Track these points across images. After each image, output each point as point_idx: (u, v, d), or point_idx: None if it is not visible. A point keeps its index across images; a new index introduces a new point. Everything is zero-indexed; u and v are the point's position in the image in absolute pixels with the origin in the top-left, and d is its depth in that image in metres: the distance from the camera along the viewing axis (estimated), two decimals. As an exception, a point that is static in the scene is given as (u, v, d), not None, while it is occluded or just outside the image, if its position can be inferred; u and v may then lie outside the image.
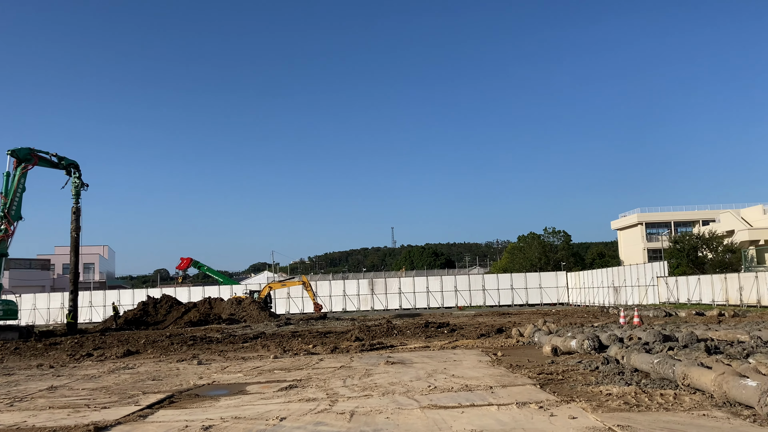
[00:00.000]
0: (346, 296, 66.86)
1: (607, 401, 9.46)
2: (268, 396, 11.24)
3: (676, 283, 44.38)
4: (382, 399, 10.37)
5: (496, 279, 67.83)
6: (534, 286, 66.26)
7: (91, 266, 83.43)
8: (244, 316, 45.04)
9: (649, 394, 9.88)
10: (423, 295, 66.54)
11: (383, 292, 66.90)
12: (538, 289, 66.12)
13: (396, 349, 19.30)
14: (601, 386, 10.63)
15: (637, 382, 10.83)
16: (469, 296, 66.42)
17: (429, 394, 10.64)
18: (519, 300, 65.56)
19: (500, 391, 10.73)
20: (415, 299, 66.40)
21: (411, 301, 66.27)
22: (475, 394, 10.51)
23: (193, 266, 69.28)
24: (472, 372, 13.36)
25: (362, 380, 12.70)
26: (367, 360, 16.39)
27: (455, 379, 12.46)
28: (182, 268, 68.99)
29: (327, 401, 10.37)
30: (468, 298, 66.26)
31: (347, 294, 66.91)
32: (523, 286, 66.24)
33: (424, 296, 66.45)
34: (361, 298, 66.78)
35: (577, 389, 10.61)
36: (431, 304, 65.93)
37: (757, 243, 58.43)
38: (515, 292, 66.06)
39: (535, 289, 66.16)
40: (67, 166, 38.06)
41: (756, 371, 9.55)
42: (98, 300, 63.68)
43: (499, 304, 64.69)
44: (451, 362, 15.29)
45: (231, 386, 12.82)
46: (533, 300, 65.33)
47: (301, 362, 16.52)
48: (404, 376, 13.06)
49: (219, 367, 16.21)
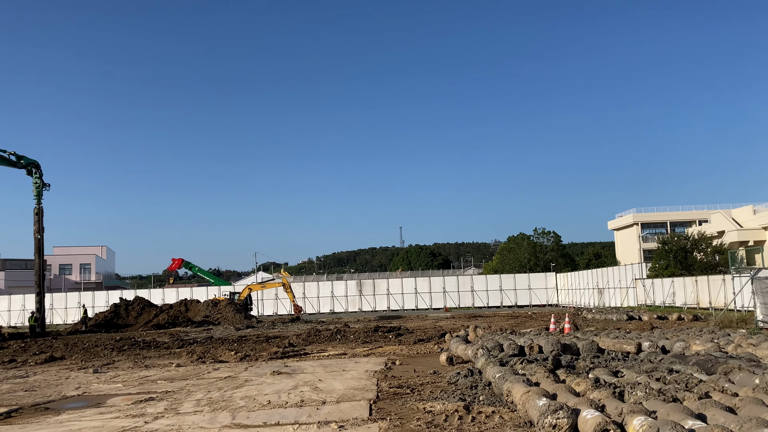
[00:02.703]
0: (335, 297, 66.74)
1: (413, 420, 9.24)
2: (115, 410, 11.18)
3: (652, 285, 43.73)
4: (202, 416, 10.25)
5: (485, 280, 67.35)
6: (523, 287, 65.67)
7: (88, 266, 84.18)
8: (219, 318, 45.10)
9: (469, 412, 9.64)
10: (411, 296, 66.17)
11: (371, 293, 66.68)
12: (527, 290, 65.53)
13: (308, 357, 19.18)
14: (429, 402, 10.40)
15: (473, 398, 10.59)
16: (458, 297, 65.96)
17: (256, 411, 10.50)
18: (508, 301, 65.02)
19: (328, 407, 10.56)
20: (403, 300, 66.09)
21: (399, 303, 65.98)
22: (302, 410, 10.35)
23: (184, 267, 69.57)
24: (342, 384, 13.19)
25: (223, 393, 12.57)
26: (261, 369, 16.27)
27: (315, 393, 12.29)
28: (173, 269, 69.36)
29: (150, 417, 10.27)
30: (457, 299, 65.82)
31: (335, 295, 66.80)
32: (512, 287, 65.65)
33: (412, 297, 66.10)
34: (349, 300, 66.61)
35: (407, 405, 10.41)
36: (420, 305, 65.59)
37: (747, 244, 57.36)
38: (504, 293, 65.50)
39: (524, 290, 65.56)
40: (27, 166, 37.99)
41: (569, 391, 9.27)
42: (87, 301, 64.06)
43: (488, 306, 64.24)
44: (338, 372, 15.13)
45: (96, 398, 12.77)
46: (522, 301, 64.74)
47: (195, 371, 16.45)
48: (269, 389, 12.92)
49: (112, 375, 16.21)
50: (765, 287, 21.52)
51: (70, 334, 36.81)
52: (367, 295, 66.59)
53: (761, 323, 21.78)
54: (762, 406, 7.69)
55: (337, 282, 70.10)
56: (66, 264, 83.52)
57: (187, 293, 65.03)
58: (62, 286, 78.51)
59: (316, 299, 66.32)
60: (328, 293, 66.74)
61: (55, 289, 75.26)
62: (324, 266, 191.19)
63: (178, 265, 68.11)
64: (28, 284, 74.60)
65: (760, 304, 21.94)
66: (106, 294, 65.08)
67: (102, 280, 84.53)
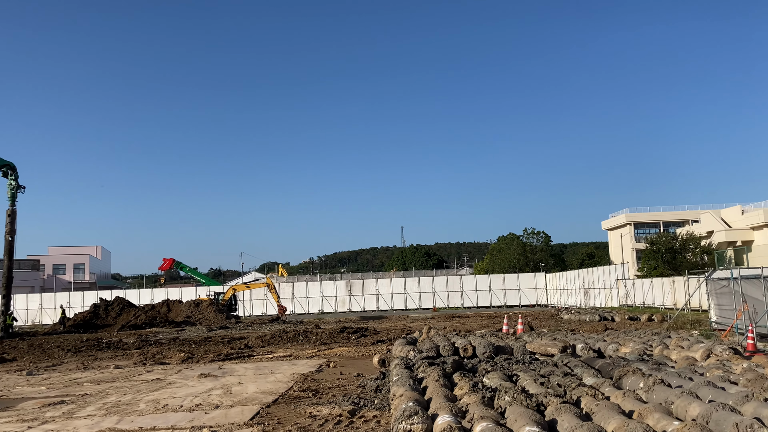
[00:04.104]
0: (324, 298, 66.70)
1: (288, 425, 9.18)
2: (16, 415, 11.19)
3: (633, 286, 43.50)
4: (90, 420, 10.24)
5: (474, 280, 67.18)
6: (512, 287, 65.45)
7: (81, 266, 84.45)
8: (200, 318, 45.09)
9: (352, 416, 9.57)
10: (401, 296, 66.05)
11: (361, 293, 66.60)
12: (516, 290, 65.32)
13: (251, 359, 19.17)
14: (320, 407, 10.35)
15: (367, 402, 10.51)
16: (447, 298, 65.82)
17: (147, 415, 10.49)
18: (497, 301, 64.81)
19: (218, 412, 10.56)
20: (392, 300, 65.96)
21: (389, 303, 65.85)
22: (191, 414, 10.34)
23: (175, 267, 69.71)
24: (258, 387, 13.16)
25: (134, 396, 12.57)
26: (193, 372, 16.25)
27: (224, 396, 12.26)
28: (164, 269, 69.53)
29: (38, 422, 10.25)
30: (447, 299, 65.68)
31: (325, 296, 66.74)
32: (502, 287, 65.43)
33: (402, 297, 65.98)
34: (338, 300, 66.53)
35: (297, 410, 10.36)
36: (409, 305, 65.44)
37: (735, 244, 56.97)
38: (494, 293, 65.29)
39: (513, 290, 65.34)
40: (2, 167, 37.89)
41: (445, 396, 9.18)
42: (77, 301, 64.21)
43: (477, 306, 64.05)
44: (265, 375, 15.10)
45: (8, 402, 12.74)
46: (512, 301, 64.51)
47: (128, 373, 16.45)
48: (183, 392, 12.89)
49: (44, 377, 16.25)
50: (719, 288, 21.30)
51: (47, 335, 36.87)
52: (357, 295, 66.49)
53: (715, 324, 21.57)
54: (614, 411, 7.57)
55: (326, 282, 70.07)
56: (60, 264, 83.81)
57: (176, 293, 65.15)
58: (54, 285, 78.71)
59: (305, 299, 66.31)
60: (318, 293, 66.73)
61: (48, 289, 75.55)
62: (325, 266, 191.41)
63: (169, 265, 68.27)
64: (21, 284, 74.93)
65: (715, 305, 21.72)
66: (96, 294, 65.20)
67: (96, 280, 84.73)
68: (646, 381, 9.43)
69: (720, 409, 7.39)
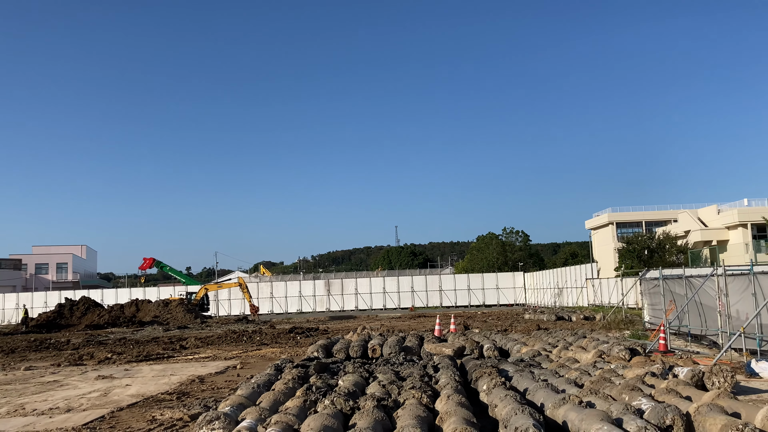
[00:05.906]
0: (303, 297, 66.55)
1: (124, 429, 9.00)
2: None
3: (600, 285, 43.32)
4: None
5: (453, 279, 67.02)
6: (491, 286, 65.29)
7: (65, 266, 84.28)
8: (168, 318, 44.98)
9: (192, 420, 9.39)
10: (380, 295, 65.93)
11: (339, 293, 66.43)
12: (495, 289, 65.17)
13: (171, 360, 19.08)
14: (170, 410, 10.16)
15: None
16: (426, 297, 65.66)
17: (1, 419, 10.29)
18: (476, 301, 64.64)
19: (67, 415, 10.40)
20: (371, 300, 65.80)
21: (368, 302, 65.69)
22: (39, 418, 10.22)
23: (155, 266, 69.53)
24: (141, 389, 13.04)
25: (9, 400, 12.43)
26: (96, 373, 16.15)
27: (98, 398, 12.14)
28: (144, 269, 69.31)
29: None
30: (425, 299, 65.52)
31: (303, 295, 66.59)
32: (480, 286, 65.29)
33: (381, 297, 65.83)
34: (317, 299, 66.38)
35: (146, 413, 10.18)
36: (388, 305, 65.28)
37: (710, 243, 56.72)
38: (472, 292, 65.14)
39: (492, 289, 65.20)
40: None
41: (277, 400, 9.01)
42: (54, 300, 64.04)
43: (456, 305, 63.85)
44: (161, 378, 14.97)
45: None
46: (490, 301, 64.36)
47: (29, 375, 16.36)
48: (64, 394, 12.79)
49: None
50: (652, 288, 21.10)
51: (6, 335, 36.73)
52: (335, 295, 66.30)
53: (648, 324, 21.37)
54: (420, 408, 7.37)
55: (305, 282, 69.90)
56: (42, 263, 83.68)
57: (153, 293, 65.11)
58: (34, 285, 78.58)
59: (284, 299, 66.18)
60: (297, 293, 66.58)
61: (29, 288, 75.45)
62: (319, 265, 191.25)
63: (149, 264, 68.00)
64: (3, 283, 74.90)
65: (648, 305, 21.53)
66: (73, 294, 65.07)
67: (79, 280, 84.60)
68: (488, 383, 9.24)
69: (519, 413, 7.20)
